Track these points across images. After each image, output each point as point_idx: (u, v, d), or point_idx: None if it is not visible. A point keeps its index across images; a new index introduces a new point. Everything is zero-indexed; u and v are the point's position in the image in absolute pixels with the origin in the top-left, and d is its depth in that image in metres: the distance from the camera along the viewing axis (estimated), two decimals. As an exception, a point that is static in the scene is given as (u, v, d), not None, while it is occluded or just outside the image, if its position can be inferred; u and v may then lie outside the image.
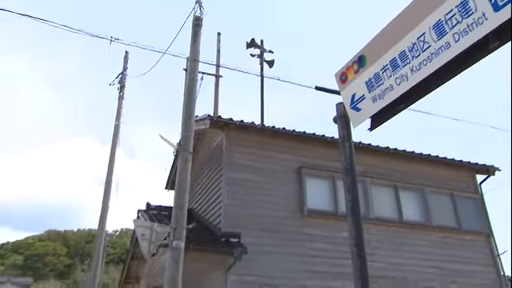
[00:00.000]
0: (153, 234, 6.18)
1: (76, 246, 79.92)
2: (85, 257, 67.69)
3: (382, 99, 3.47)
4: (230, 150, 9.05)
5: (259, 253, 8.10)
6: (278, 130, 9.40)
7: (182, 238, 6.13)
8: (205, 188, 10.22)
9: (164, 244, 6.70)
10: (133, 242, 10.14)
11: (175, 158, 11.64)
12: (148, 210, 10.19)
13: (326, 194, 9.37)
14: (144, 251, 6.31)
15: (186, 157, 6.69)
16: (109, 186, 16.40)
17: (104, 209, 16.17)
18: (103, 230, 16.33)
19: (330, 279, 8.29)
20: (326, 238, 8.76)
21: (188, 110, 6.98)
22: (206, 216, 9.60)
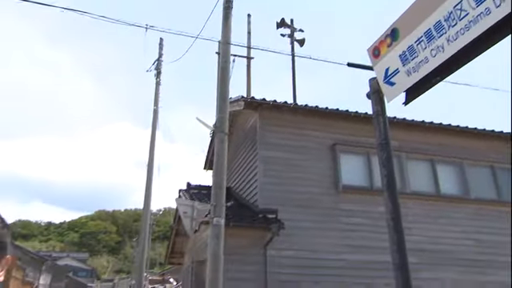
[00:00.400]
0: (194, 212, 6.33)
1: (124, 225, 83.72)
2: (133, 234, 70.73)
3: (417, 72, 3.31)
4: (264, 130, 9.05)
5: (296, 228, 8.15)
6: (310, 108, 9.27)
7: (221, 216, 6.25)
8: (241, 167, 10.31)
9: (205, 221, 6.86)
10: (176, 220, 10.46)
11: (212, 139, 11.79)
12: (188, 189, 10.43)
13: (360, 169, 9.23)
14: (187, 228, 6.48)
15: (222, 137, 6.74)
16: (151, 169, 16.91)
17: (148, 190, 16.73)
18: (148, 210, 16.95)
19: (368, 253, 8.24)
20: (362, 213, 8.66)
21: (222, 93, 6.99)
22: (243, 194, 9.72)
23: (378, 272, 7.85)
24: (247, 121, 10.15)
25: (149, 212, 16.94)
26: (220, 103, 6.97)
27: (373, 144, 4.59)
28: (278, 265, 7.82)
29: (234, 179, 10.78)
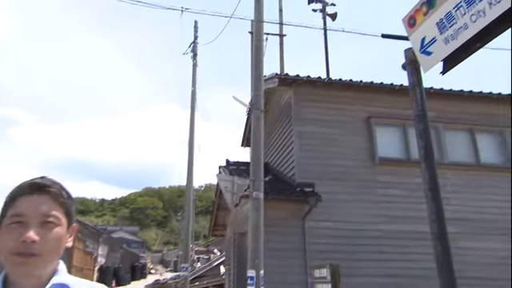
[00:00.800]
0: (234, 187, 6.45)
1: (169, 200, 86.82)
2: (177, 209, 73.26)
3: (456, 39, 3.13)
4: (298, 106, 8.96)
5: (333, 200, 8.12)
6: (345, 82, 9.05)
7: (260, 189, 6.32)
8: (277, 143, 10.32)
9: (245, 195, 6.97)
10: (217, 195, 10.70)
11: (248, 116, 11.83)
12: (228, 165, 10.60)
13: (396, 141, 8.99)
14: (228, 202, 6.63)
15: (258, 115, 6.74)
16: (192, 147, 17.28)
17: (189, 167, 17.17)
18: (191, 186, 17.45)
19: (405, 223, 8.11)
20: (398, 185, 8.49)
21: (257, 71, 6.95)
22: (280, 169, 9.76)
23: (415, 242, 7.74)
24: (282, 97, 10.07)
25: (192, 188, 17.44)
26: (255, 81, 6.94)
27: (409, 116, 4.44)
28: (316, 235, 7.88)
29: (271, 155, 10.83)
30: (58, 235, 1.06)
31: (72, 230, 1.14)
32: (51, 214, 1.06)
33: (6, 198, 1.09)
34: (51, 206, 1.07)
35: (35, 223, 1.03)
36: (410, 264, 7.76)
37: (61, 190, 1.12)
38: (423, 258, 7.23)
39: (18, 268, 1.02)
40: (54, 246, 1.05)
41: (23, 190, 1.08)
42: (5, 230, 1.04)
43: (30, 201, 1.05)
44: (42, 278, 1.05)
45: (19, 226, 1.03)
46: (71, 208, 1.14)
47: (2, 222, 1.06)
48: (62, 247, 1.09)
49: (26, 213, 1.04)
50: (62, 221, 1.08)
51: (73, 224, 1.14)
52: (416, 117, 3.82)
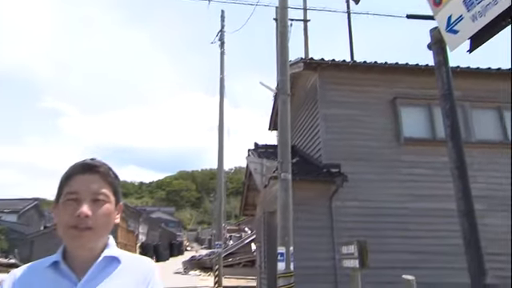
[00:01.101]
0: (263, 169, 6.49)
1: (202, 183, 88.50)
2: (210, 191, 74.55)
3: (484, 16, 2.96)
4: (323, 89, 8.83)
5: (359, 180, 8.05)
6: (369, 65, 8.82)
7: (288, 171, 6.34)
8: (304, 126, 10.26)
9: (274, 176, 7.02)
10: (247, 176, 10.81)
11: (274, 101, 11.79)
12: (256, 148, 10.65)
13: (422, 121, 8.74)
14: (258, 183, 6.69)
15: (285, 99, 6.71)
16: (221, 132, 17.45)
17: (220, 151, 17.38)
18: (222, 169, 17.69)
19: (431, 201, 7.95)
20: (424, 164, 8.29)
21: (282, 56, 6.88)
22: (307, 151, 9.72)
23: (441, 219, 7.60)
24: (307, 81, 9.95)
25: (222, 171, 17.70)
26: (281, 66, 6.88)
27: (434, 95, 4.29)
28: (343, 214, 7.86)
29: (298, 138, 10.79)
30: (108, 211, 1.12)
31: (119, 208, 1.20)
32: (101, 192, 1.12)
33: (61, 178, 1.15)
34: (101, 185, 1.13)
35: (88, 200, 1.09)
36: (436, 241, 7.63)
37: (108, 171, 1.17)
38: (449, 235, 7.09)
39: (74, 240, 1.08)
40: (105, 220, 1.11)
41: (76, 170, 1.14)
42: (62, 206, 1.11)
43: (82, 179, 1.11)
44: (95, 250, 1.11)
45: (74, 203, 1.09)
46: (118, 187, 1.19)
47: (59, 200, 1.13)
48: (111, 222, 1.14)
49: (80, 190, 1.10)
50: (110, 198, 1.14)
51: (120, 203, 1.20)
52: (442, 96, 3.69)
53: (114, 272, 1.12)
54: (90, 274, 1.08)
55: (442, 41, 3.60)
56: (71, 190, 1.11)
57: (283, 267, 5.89)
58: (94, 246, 1.11)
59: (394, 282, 6.81)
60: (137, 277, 1.15)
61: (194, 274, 24.11)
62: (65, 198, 1.11)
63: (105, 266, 1.12)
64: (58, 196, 1.14)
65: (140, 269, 1.18)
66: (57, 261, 1.10)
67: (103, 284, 1.08)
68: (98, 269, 1.10)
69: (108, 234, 1.17)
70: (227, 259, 20.31)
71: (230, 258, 21.41)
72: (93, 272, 1.09)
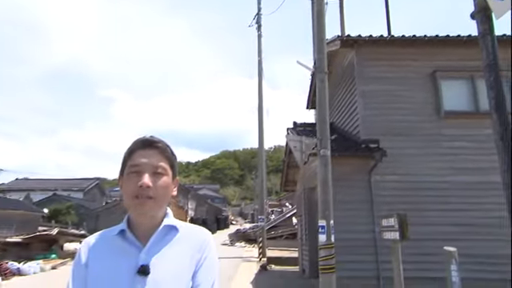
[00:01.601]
0: (303, 146, 6.46)
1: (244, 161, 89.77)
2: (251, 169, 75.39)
3: (533, -20, 2.70)
4: (361, 65, 8.53)
5: (399, 155, 7.80)
6: (408, 39, 8.36)
7: (327, 147, 6.26)
8: (341, 103, 10.02)
9: (313, 153, 6.97)
10: (287, 154, 10.81)
11: (312, 80, 11.57)
12: (295, 127, 10.58)
13: (463, 94, 8.22)
14: (298, 160, 6.68)
15: (322, 77, 6.56)
16: (261, 112, 17.46)
17: (260, 131, 17.45)
18: (262, 148, 17.80)
19: (473, 174, 7.56)
20: (466, 137, 7.85)
21: (319, 34, 6.69)
22: (345, 128, 9.52)
23: (482, 192, 7.25)
24: (344, 59, 9.65)
25: (263, 150, 17.82)
26: (318, 45, 6.70)
27: (476, 67, 4.02)
28: (382, 188, 7.69)
29: (336, 115, 10.57)
30: (166, 183, 1.17)
31: (175, 182, 1.24)
32: (160, 165, 1.17)
33: (124, 153, 1.21)
34: (159, 159, 1.18)
35: (148, 172, 1.15)
36: (479, 213, 7.30)
37: (166, 147, 1.22)
38: (493, 208, 6.76)
39: (137, 209, 1.14)
40: (164, 191, 1.16)
41: (138, 146, 1.19)
42: (126, 178, 1.17)
43: (143, 154, 1.17)
44: (156, 219, 1.17)
45: (136, 175, 1.15)
46: (175, 163, 1.24)
47: (124, 172, 1.19)
48: (169, 194, 1.20)
49: (141, 163, 1.15)
50: (168, 172, 1.19)
51: (176, 177, 1.25)
52: (486, 67, 3.43)
53: (173, 239, 1.17)
54: (153, 241, 1.14)
55: (487, 9, 3.33)
56: (134, 163, 1.16)
57: (324, 239, 5.91)
58: (155, 215, 1.16)
59: (434, 254, 6.64)
60: (193, 244, 1.19)
61: (239, 245, 24.85)
62: (128, 170, 1.17)
63: (165, 234, 1.17)
64: (123, 169, 1.20)
65: (196, 237, 1.22)
66: (123, 229, 1.16)
67: (164, 250, 1.14)
68: (159, 236, 1.15)
69: (166, 205, 1.21)
70: (270, 232, 20.69)
71: (272, 231, 21.79)
72: (155, 239, 1.14)
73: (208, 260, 1.19)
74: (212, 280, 1.18)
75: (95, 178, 47.89)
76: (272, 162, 61.28)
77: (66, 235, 19.63)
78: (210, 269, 1.19)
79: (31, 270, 12.83)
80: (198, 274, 1.16)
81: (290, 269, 13.08)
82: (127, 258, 1.11)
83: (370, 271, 7.26)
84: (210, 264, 1.19)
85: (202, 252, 1.19)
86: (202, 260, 1.18)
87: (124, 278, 1.08)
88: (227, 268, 12.55)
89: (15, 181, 45.80)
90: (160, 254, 1.13)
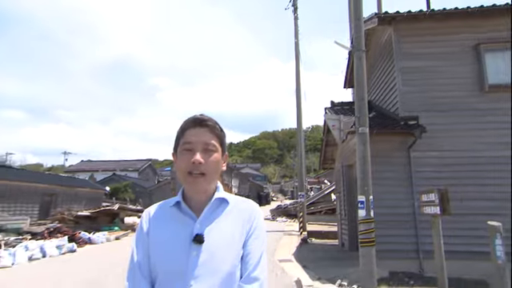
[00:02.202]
0: (341, 124, 6.29)
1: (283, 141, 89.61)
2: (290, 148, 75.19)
3: None
4: (399, 42, 8.05)
5: (439, 131, 7.39)
6: (449, 12, 7.74)
7: (365, 125, 6.06)
8: (379, 81, 9.59)
9: (351, 131, 6.78)
10: (325, 133, 10.63)
11: (349, 59, 11.15)
12: (333, 106, 10.34)
13: (509, 66, 7.52)
14: (336, 138, 6.54)
15: (360, 55, 6.28)
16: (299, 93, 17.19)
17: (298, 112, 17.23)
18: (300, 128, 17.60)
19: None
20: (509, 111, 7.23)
21: (356, 12, 6.37)
22: (383, 105, 9.14)
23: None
24: (382, 36, 9.16)
25: (301, 130, 17.61)
26: (355, 23, 6.39)
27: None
28: (422, 164, 7.36)
29: (373, 93, 10.16)
30: (217, 159, 1.19)
31: (225, 158, 1.25)
32: (210, 143, 1.18)
33: (177, 131, 1.24)
34: (210, 137, 1.19)
35: (200, 149, 1.17)
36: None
37: (215, 125, 1.23)
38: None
39: (190, 184, 1.17)
40: (214, 167, 1.18)
41: (189, 124, 1.21)
42: (179, 155, 1.20)
43: (194, 132, 1.19)
44: (208, 192, 1.20)
45: (188, 152, 1.17)
46: (224, 139, 1.25)
47: (177, 149, 1.22)
48: (219, 169, 1.21)
49: (193, 141, 1.17)
50: (218, 148, 1.20)
51: (225, 153, 1.26)
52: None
53: (224, 211, 1.20)
54: (206, 213, 1.17)
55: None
56: (186, 141, 1.18)
57: (364, 214, 5.81)
58: (207, 189, 1.19)
59: (476, 228, 6.33)
60: (243, 215, 1.21)
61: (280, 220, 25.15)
62: (181, 147, 1.19)
63: (217, 206, 1.20)
64: (176, 146, 1.23)
65: (246, 209, 1.23)
66: (179, 201, 1.20)
67: (216, 220, 1.17)
68: (212, 208, 1.18)
69: (217, 179, 1.23)
70: (309, 208, 20.70)
71: (311, 207, 21.81)
72: (207, 210, 1.17)
73: (257, 230, 1.21)
74: (261, 249, 1.20)
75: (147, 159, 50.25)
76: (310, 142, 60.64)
77: (126, 210, 20.93)
78: (259, 238, 1.21)
79: (99, 239, 13.90)
80: (248, 243, 1.18)
81: (330, 242, 13.07)
82: (183, 227, 1.15)
83: (409, 245, 7.07)
84: (259, 234, 1.21)
85: (252, 222, 1.21)
86: (252, 230, 1.20)
87: (181, 245, 1.12)
88: (269, 241, 12.79)
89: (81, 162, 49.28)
90: (213, 224, 1.16)
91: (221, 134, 1.23)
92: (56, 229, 13.48)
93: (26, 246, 9.97)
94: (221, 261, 1.12)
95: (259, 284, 1.14)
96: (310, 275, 6.91)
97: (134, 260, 1.17)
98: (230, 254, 1.14)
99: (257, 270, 1.16)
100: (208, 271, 1.10)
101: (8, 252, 9.14)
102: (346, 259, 8.60)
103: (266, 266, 1.20)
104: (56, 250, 10.64)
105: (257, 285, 1.14)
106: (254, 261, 1.17)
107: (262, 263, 1.19)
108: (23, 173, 23.92)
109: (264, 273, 1.18)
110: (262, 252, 1.20)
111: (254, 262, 1.16)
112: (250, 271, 1.15)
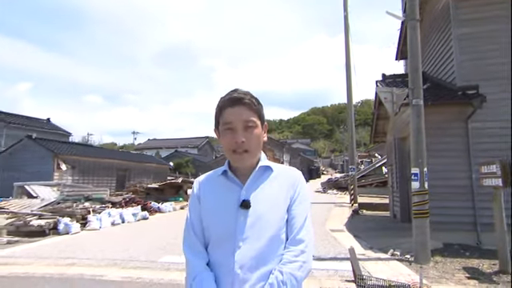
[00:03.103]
0: (393, 97, 5.98)
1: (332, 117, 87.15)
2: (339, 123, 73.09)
3: None
4: (457, 8, 7.29)
5: (499, 100, 6.69)
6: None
7: (420, 97, 5.72)
8: (434, 51, 8.84)
9: (405, 103, 6.42)
10: (376, 106, 10.16)
11: (401, 30, 10.38)
12: (384, 79, 9.78)
13: None
14: (388, 111, 6.24)
15: (414, 24, 5.85)
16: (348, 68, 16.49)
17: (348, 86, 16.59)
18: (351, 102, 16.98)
19: None
20: None
21: (410, -19, 5.88)
22: (438, 76, 8.45)
23: None
24: (437, 3, 8.35)
25: (352, 104, 16.97)
26: (409, -8, 5.92)
27: None
28: (480, 135, 6.77)
29: (428, 64, 9.41)
30: (257, 134, 1.20)
31: (265, 128, 1.25)
32: (250, 120, 1.18)
33: (215, 110, 1.24)
34: (248, 114, 1.18)
35: (240, 128, 1.17)
36: None
37: (252, 99, 1.20)
38: None
39: (236, 161, 1.21)
40: (256, 142, 1.20)
41: (226, 104, 1.19)
42: (222, 134, 1.21)
43: (233, 111, 1.18)
44: (253, 163, 1.22)
45: (230, 131, 1.18)
46: (261, 112, 1.24)
47: (218, 126, 1.24)
48: (261, 142, 1.23)
49: (232, 120, 1.17)
50: (257, 123, 1.20)
51: (265, 123, 1.25)
52: None
53: (269, 177, 1.22)
54: (251, 180, 1.21)
55: None
56: (225, 121, 1.18)
57: (417, 186, 5.59)
58: (252, 162, 1.22)
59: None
60: (287, 181, 1.22)
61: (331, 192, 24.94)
62: (222, 127, 1.20)
63: (261, 173, 1.22)
64: (217, 124, 1.24)
65: (289, 175, 1.25)
66: (226, 170, 1.23)
67: (261, 187, 1.20)
68: (257, 176, 1.21)
69: (260, 151, 1.25)
70: (360, 181, 20.24)
71: (362, 180, 21.30)
72: (253, 178, 1.21)
73: (301, 195, 1.22)
74: (305, 213, 1.21)
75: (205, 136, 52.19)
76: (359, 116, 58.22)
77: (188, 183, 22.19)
78: (303, 203, 1.22)
79: (167, 208, 15.03)
80: (292, 208, 1.20)
81: (381, 214, 12.75)
82: (231, 194, 1.19)
83: (466, 217, 6.67)
84: (303, 199, 1.22)
85: (295, 188, 1.22)
86: (296, 195, 1.21)
87: (230, 210, 1.17)
88: (321, 212, 12.83)
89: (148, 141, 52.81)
90: (258, 190, 1.19)
91: (258, 108, 1.21)
92: (131, 199, 14.79)
93: (109, 213, 11.14)
94: (266, 224, 1.14)
95: (304, 245, 1.16)
96: (362, 244, 6.88)
97: (188, 221, 1.25)
98: (274, 217, 1.16)
99: (302, 233, 1.17)
100: (255, 234, 1.13)
101: (96, 217, 10.31)
102: (397, 230, 8.38)
103: (311, 230, 1.21)
104: (132, 216, 11.74)
105: (302, 246, 1.15)
106: (299, 224, 1.17)
107: (307, 226, 1.19)
108: (102, 151, 26.35)
109: (309, 235, 1.19)
110: (306, 216, 1.20)
111: (298, 225, 1.17)
112: (295, 234, 1.16)
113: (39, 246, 7.43)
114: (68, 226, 9.19)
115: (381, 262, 5.51)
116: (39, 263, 5.86)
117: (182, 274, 4.96)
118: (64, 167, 20.36)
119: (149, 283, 4.63)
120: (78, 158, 21.22)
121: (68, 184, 17.90)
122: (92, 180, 21.63)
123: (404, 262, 5.48)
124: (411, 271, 4.97)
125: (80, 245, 7.45)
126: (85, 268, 5.47)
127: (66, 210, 10.69)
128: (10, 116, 24.76)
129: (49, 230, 8.98)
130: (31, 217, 9.93)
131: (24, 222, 9.19)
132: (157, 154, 39.31)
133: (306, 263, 1.14)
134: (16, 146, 20.75)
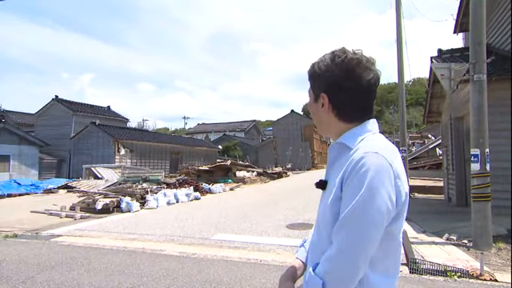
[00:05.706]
0: (451, 73, 5.47)
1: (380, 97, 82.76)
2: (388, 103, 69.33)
3: None
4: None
5: None
6: None
7: (482, 72, 5.17)
8: (501, 20, 7.89)
9: (464, 80, 5.85)
10: (430, 84, 9.41)
11: (461, 1, 9.39)
12: (440, 55, 8.99)
13: None
14: (445, 88, 5.74)
15: (477, -8, 5.23)
16: (400, 45, 15.39)
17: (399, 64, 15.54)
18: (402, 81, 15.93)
19: None
20: None
21: None
22: (505, 48, 7.56)
23: None
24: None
25: (403, 83, 15.90)
26: (471, -44, 5.28)
27: None
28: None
29: (492, 35, 8.45)
30: (312, 110, 1.15)
31: (320, 99, 1.09)
32: (309, 96, 1.18)
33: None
34: (308, 89, 1.16)
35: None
36: None
37: (311, 69, 1.13)
38: None
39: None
40: (315, 118, 1.15)
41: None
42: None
43: None
44: (336, 137, 1.12)
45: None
46: (316, 81, 1.12)
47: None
48: (319, 116, 1.12)
49: None
50: (311, 95, 1.14)
51: (321, 94, 1.09)
52: None
53: (343, 156, 1.06)
54: (329, 158, 1.14)
55: None
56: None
57: (478, 168, 5.13)
58: (332, 137, 1.14)
59: None
60: (347, 162, 1.04)
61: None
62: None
63: (336, 151, 1.10)
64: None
65: (352, 156, 1.06)
66: None
67: (333, 166, 1.10)
68: (333, 154, 1.11)
69: (330, 127, 1.12)
70: (412, 163, 19.16)
71: (414, 162, 20.16)
72: (330, 156, 1.12)
73: (350, 178, 0.99)
74: (356, 195, 0.95)
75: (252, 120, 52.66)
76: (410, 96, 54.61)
77: (237, 165, 22.71)
78: (355, 185, 0.98)
79: (217, 189, 15.57)
80: (344, 189, 0.99)
81: (434, 197, 12.02)
82: None
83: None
84: (354, 183, 1.00)
85: (351, 170, 0.98)
86: (348, 175, 0.99)
87: None
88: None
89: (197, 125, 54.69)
90: (330, 169, 1.11)
91: (313, 76, 1.11)
92: (184, 180, 15.55)
93: (165, 193, 11.84)
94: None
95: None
96: (415, 228, 6.56)
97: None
98: (330, 199, 1.01)
99: None
100: (319, 217, 1.07)
101: (153, 197, 11.02)
102: (452, 214, 7.86)
103: None
104: (185, 197, 12.36)
105: None
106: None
107: None
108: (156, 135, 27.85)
109: None
110: (356, 198, 1.02)
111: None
112: None
113: (106, 222, 8.18)
114: (129, 205, 9.96)
115: (435, 246, 5.23)
116: (107, 236, 6.47)
117: (234, 252, 5.21)
118: (123, 151, 21.94)
119: (203, 259, 4.87)
120: (136, 143, 22.68)
121: (128, 166, 19.28)
122: (148, 163, 23.06)
123: (461, 247, 5.14)
124: (470, 257, 4.65)
125: (140, 222, 8.05)
126: (145, 243, 5.91)
127: (128, 190, 11.56)
128: (77, 105, 27.03)
129: (113, 208, 9.82)
130: (98, 195, 10.91)
131: (93, 200, 10.13)
132: (206, 138, 40.66)
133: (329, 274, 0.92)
134: (83, 132, 22.74)
